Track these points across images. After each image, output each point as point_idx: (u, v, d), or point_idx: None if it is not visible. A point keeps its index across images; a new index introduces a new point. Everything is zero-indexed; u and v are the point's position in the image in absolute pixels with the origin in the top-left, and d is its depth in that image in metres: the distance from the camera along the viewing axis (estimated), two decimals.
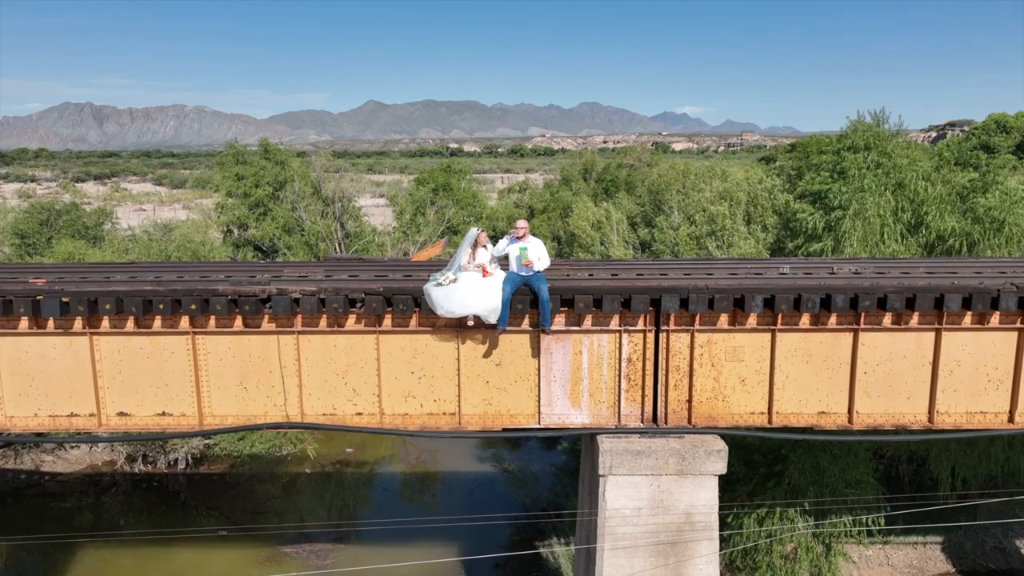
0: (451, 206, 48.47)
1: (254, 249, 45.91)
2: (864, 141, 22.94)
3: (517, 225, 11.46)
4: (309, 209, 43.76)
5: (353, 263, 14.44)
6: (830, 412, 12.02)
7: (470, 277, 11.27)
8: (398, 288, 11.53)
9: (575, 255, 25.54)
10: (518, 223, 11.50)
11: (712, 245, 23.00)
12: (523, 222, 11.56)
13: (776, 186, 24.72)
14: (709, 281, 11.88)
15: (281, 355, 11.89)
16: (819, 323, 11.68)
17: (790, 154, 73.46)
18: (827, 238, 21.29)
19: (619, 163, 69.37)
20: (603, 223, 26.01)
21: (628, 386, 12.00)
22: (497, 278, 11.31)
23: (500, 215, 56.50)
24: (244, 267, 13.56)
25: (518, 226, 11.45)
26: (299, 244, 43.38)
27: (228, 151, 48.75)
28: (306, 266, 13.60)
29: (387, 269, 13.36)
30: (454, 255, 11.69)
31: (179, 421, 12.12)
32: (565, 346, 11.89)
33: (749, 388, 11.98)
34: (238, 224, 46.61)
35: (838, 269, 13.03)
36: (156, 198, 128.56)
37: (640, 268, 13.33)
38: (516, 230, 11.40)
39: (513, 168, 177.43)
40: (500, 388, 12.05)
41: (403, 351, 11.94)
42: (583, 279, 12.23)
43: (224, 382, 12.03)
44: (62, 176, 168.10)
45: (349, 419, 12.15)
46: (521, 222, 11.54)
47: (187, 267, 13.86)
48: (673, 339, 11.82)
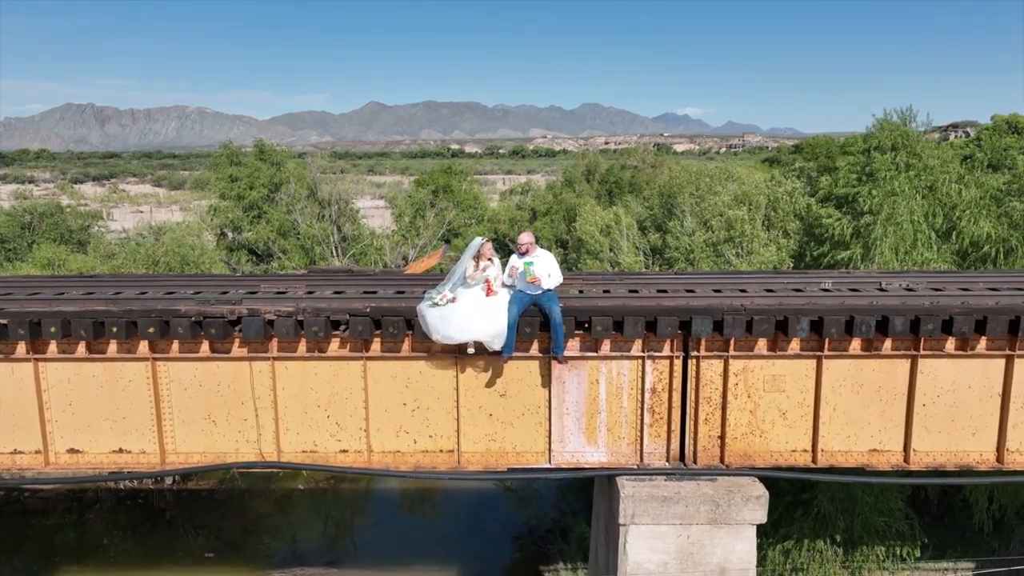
0: (452, 208, 47.01)
1: (248, 253, 44.45)
2: (891, 141, 21.40)
3: (520, 240, 9.91)
4: (305, 212, 42.32)
5: (341, 276, 12.93)
6: (883, 450, 10.49)
7: (471, 296, 9.76)
8: (388, 308, 10.01)
9: (582, 262, 24.03)
10: (521, 237, 9.94)
11: (730, 252, 21.48)
12: (527, 235, 10.01)
13: (797, 189, 23.19)
14: (746, 300, 10.36)
15: (254, 384, 10.37)
16: (872, 348, 10.16)
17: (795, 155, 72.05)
18: (855, 245, 19.76)
19: (622, 164, 67.86)
20: (612, 228, 24.50)
21: (652, 420, 10.48)
22: (502, 298, 9.79)
23: (502, 217, 54.98)
24: (218, 281, 12.06)
25: (521, 241, 9.90)
26: (294, 248, 41.91)
27: (222, 152, 47.29)
28: (287, 280, 12.10)
29: (377, 284, 11.84)
30: (453, 269, 10.17)
31: (138, 459, 10.60)
32: (580, 374, 10.37)
33: (791, 422, 10.45)
34: (232, 227, 45.20)
35: (887, 284, 11.50)
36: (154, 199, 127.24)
37: (662, 282, 11.81)
38: (520, 242, 9.86)
39: (515, 169, 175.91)
40: (505, 422, 10.53)
41: (394, 380, 10.43)
42: (599, 297, 10.71)
43: (189, 415, 10.52)
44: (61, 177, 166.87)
45: (332, 457, 10.63)
46: (525, 236, 9.98)
47: (154, 281, 12.35)
48: (704, 366, 10.29)
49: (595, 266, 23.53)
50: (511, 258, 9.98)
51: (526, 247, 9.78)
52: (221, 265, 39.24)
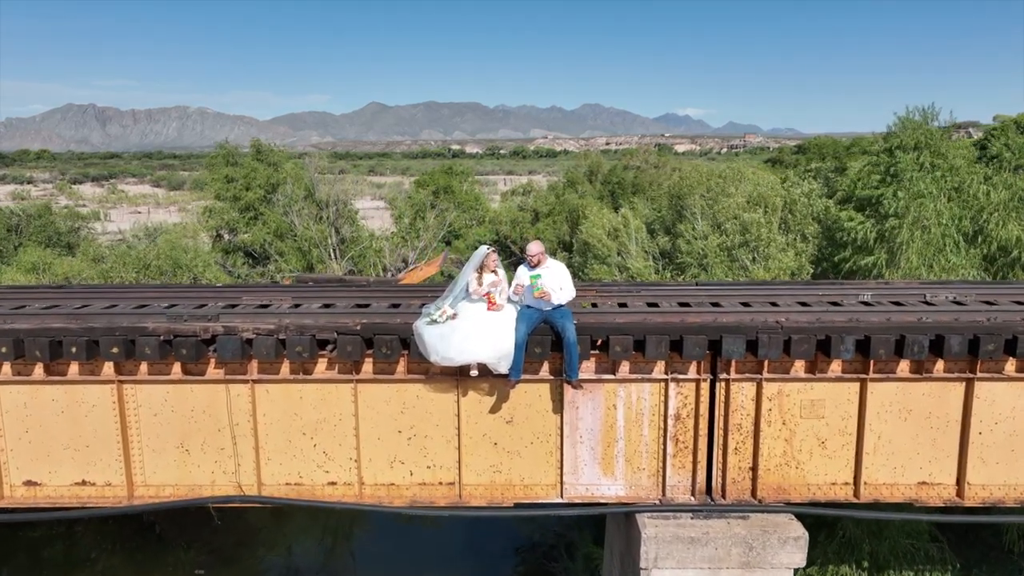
0: (452, 209, 46.00)
1: (245, 255, 43.43)
2: (914, 140, 20.29)
3: (529, 251, 8.78)
4: (302, 213, 41.28)
5: (331, 286, 11.85)
6: (933, 483, 9.39)
7: (474, 312, 8.67)
8: (380, 325, 8.92)
9: (589, 267, 22.94)
10: (530, 248, 8.80)
11: (746, 257, 20.38)
12: (536, 245, 8.87)
13: (814, 190, 22.10)
14: (780, 315, 9.28)
15: (232, 409, 9.29)
16: (922, 370, 9.06)
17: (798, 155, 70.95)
18: (879, 250, 18.67)
19: (625, 165, 66.85)
20: (620, 231, 23.40)
21: (676, 450, 9.39)
22: (508, 314, 8.70)
23: (503, 219, 53.93)
24: (196, 292, 10.99)
25: (531, 252, 8.76)
26: (292, 250, 40.88)
27: (219, 152, 46.29)
28: (272, 291, 11.02)
29: (370, 295, 10.77)
30: (454, 282, 9.09)
31: (103, 492, 9.51)
32: (595, 399, 9.29)
33: (830, 452, 9.36)
34: (228, 229, 44.20)
35: (932, 297, 10.43)
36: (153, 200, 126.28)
37: (683, 294, 10.72)
38: (529, 253, 8.75)
39: (516, 169, 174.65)
40: (511, 452, 9.44)
41: (388, 404, 9.34)
42: (616, 312, 9.63)
43: (160, 443, 9.43)
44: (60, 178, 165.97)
45: (319, 490, 9.54)
46: (534, 246, 8.84)
47: (127, 292, 11.27)
48: (734, 390, 9.20)
49: (603, 271, 22.45)
50: (518, 270, 8.89)
51: (536, 258, 8.68)
52: (216, 268, 38.21)
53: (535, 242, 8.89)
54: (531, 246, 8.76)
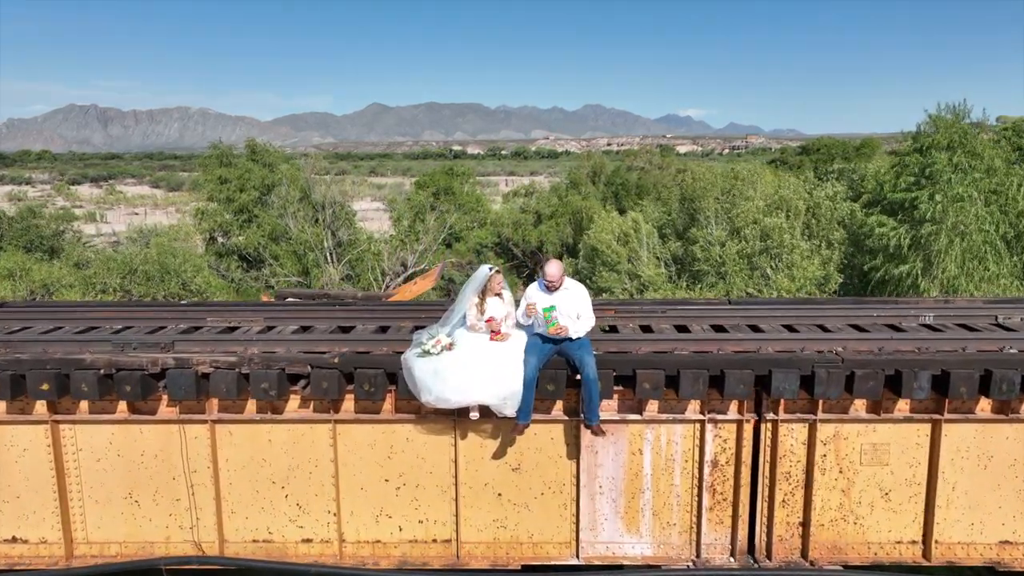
0: (453, 211, 44.59)
1: (239, 259, 42.05)
2: (947, 139, 18.85)
3: (549, 274, 7.22)
4: (298, 216, 39.88)
5: (312, 304, 10.41)
6: (1019, 542, 7.95)
7: (474, 342, 7.25)
8: (363, 357, 7.50)
9: (598, 274, 21.50)
10: (550, 270, 7.25)
11: (767, 265, 18.94)
12: (556, 266, 7.32)
13: (838, 192, 20.65)
14: (835, 342, 7.85)
15: (188, 454, 7.86)
16: (1007, 411, 7.62)
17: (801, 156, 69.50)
18: (914, 258, 17.23)
19: (628, 165, 65.52)
20: (630, 236, 21.95)
21: (712, 502, 7.95)
22: (515, 345, 7.26)
23: (505, 220, 52.52)
24: (155, 312, 9.54)
25: (551, 275, 7.20)
26: (286, 254, 39.48)
27: (212, 152, 44.89)
28: (242, 310, 9.58)
29: (355, 315, 9.33)
30: (452, 306, 7.66)
31: (37, 551, 8.08)
32: (618, 442, 7.85)
33: (895, 505, 7.92)
34: (221, 231, 42.81)
35: (1007, 319, 8.99)
36: (151, 201, 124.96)
37: (715, 313, 9.27)
38: (548, 278, 7.24)
39: (517, 170, 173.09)
40: (518, 504, 8.01)
41: (373, 449, 7.91)
42: (641, 338, 8.18)
43: (105, 492, 8.01)
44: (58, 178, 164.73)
45: (292, 549, 8.11)
46: (553, 267, 7.29)
47: (76, 310, 9.80)
48: (783, 433, 7.77)
49: (612, 279, 21.02)
50: (529, 289, 7.42)
51: (558, 280, 7.17)
52: (208, 272, 36.83)
53: (555, 263, 7.36)
54: (551, 268, 7.25)
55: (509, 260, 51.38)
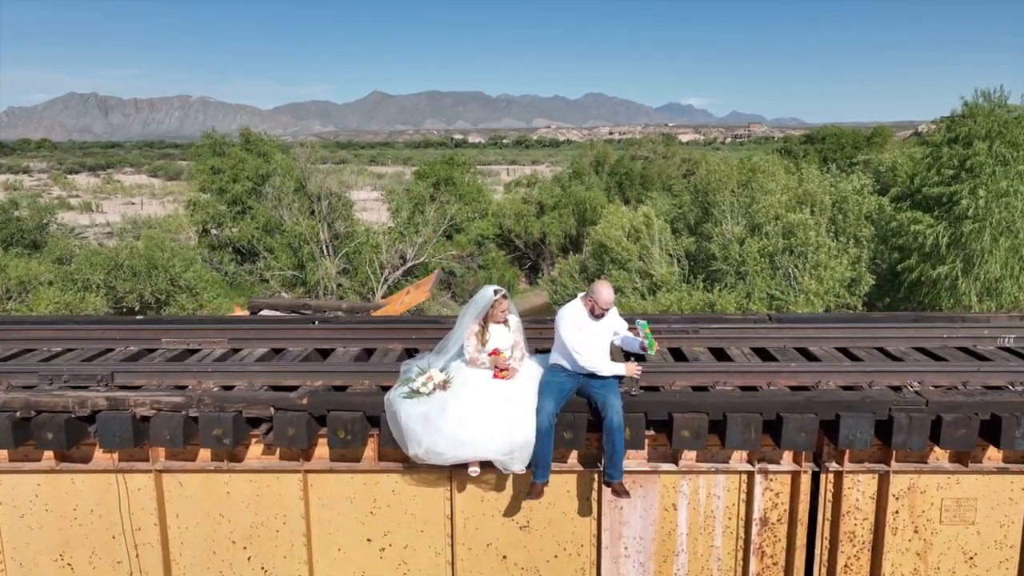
0: (454, 202, 43.25)
1: (233, 252, 40.76)
2: (986, 128, 17.41)
3: (602, 297, 5.85)
4: (293, 207, 38.52)
5: (290, 319, 9.06)
6: None
7: (475, 380, 5.90)
8: (337, 398, 6.15)
9: (607, 272, 20.14)
10: (602, 293, 5.88)
11: (789, 263, 17.56)
12: (608, 288, 5.98)
13: (865, 186, 19.25)
14: (909, 375, 6.50)
15: (130, 508, 6.54)
16: None
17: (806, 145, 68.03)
18: (953, 258, 15.84)
19: (632, 155, 64.09)
20: (641, 232, 20.57)
21: (761, 566, 6.61)
22: (526, 382, 5.92)
23: (507, 211, 51.19)
24: (102, 331, 8.17)
25: (605, 301, 5.85)
26: (281, 247, 38.19)
27: (204, 141, 43.51)
28: (205, 328, 8.21)
29: (336, 336, 7.97)
30: (449, 333, 6.30)
31: None
32: (647, 495, 6.51)
33: (981, 572, 6.58)
34: (215, 223, 41.48)
35: None
36: (148, 191, 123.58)
37: (756, 334, 7.91)
38: (604, 305, 5.87)
39: (519, 160, 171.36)
40: (527, 568, 6.67)
41: (352, 503, 6.58)
42: (672, 369, 6.83)
43: (31, 553, 6.69)
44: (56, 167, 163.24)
45: None
46: (606, 289, 5.95)
47: (11, 328, 8.44)
48: (847, 485, 6.42)
49: (622, 278, 19.66)
50: (568, 313, 5.95)
51: (608, 303, 5.84)
52: (200, 266, 35.53)
53: (605, 284, 6.01)
54: (603, 289, 5.91)
55: (511, 252, 50.08)
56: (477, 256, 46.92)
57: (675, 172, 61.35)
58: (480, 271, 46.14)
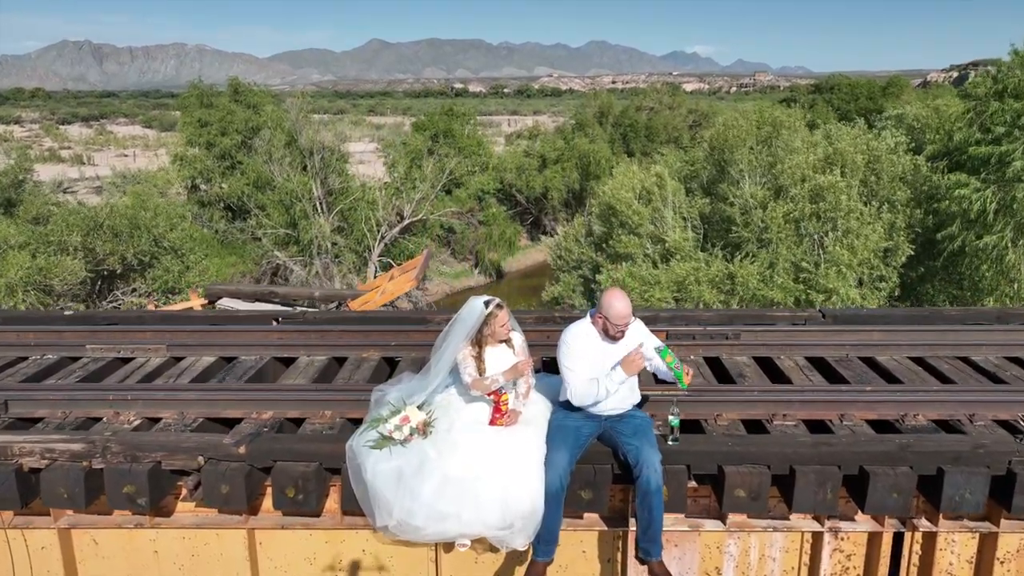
0: (453, 155, 41.46)
1: (223, 209, 39.18)
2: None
3: (616, 314, 4.45)
4: (284, 162, 36.76)
5: (251, 314, 7.62)
6: None
7: (465, 423, 4.48)
8: (287, 442, 4.74)
9: (615, 239, 18.62)
10: (617, 306, 4.46)
11: (815, 230, 16.05)
12: (624, 301, 4.50)
13: (900, 144, 17.61)
14: (1022, 409, 5.07)
15: (33, 570, 5.19)
16: None
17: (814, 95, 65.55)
18: (1002, 226, 14.32)
19: (637, 106, 61.86)
20: (653, 193, 18.99)
21: None
22: (532, 428, 4.50)
23: (508, 165, 49.32)
24: (19, 331, 6.75)
25: (619, 318, 4.46)
26: (273, 204, 36.54)
27: (191, 91, 41.53)
28: (142, 330, 6.77)
29: (300, 341, 6.55)
30: (434, 357, 4.83)
31: None
32: (684, 556, 5.13)
33: None
34: (204, 179, 39.78)
35: None
36: (142, 142, 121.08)
37: (809, 339, 6.48)
38: (617, 321, 4.46)
39: (520, 109, 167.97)
40: None
41: (312, 565, 5.21)
42: (717, 396, 5.41)
43: None
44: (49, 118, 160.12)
45: None
46: (621, 302, 4.48)
47: None
48: (940, 547, 5.05)
49: (632, 244, 18.17)
50: (572, 335, 4.56)
51: (624, 322, 4.38)
52: (189, 224, 33.98)
53: (619, 295, 4.51)
54: (617, 302, 4.43)
55: (512, 207, 48.41)
56: (477, 212, 45.29)
57: (681, 124, 59.24)
58: (480, 227, 44.58)
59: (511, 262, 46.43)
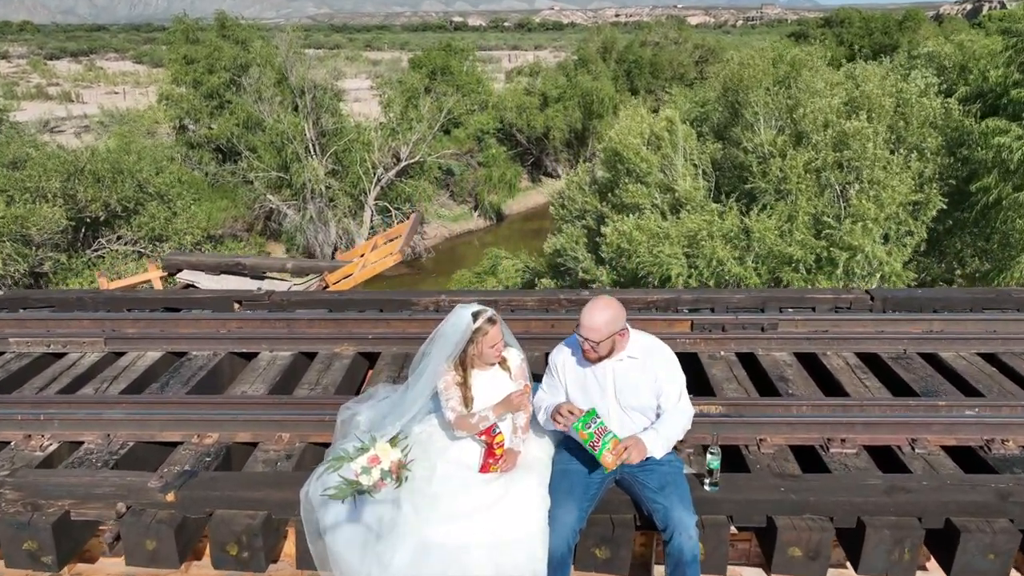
0: (452, 94, 39.85)
1: (213, 150, 37.74)
2: None
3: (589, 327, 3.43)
4: (275, 102, 35.23)
5: (207, 295, 6.63)
6: None
7: (448, 468, 3.53)
8: (227, 486, 3.80)
9: (622, 188, 17.48)
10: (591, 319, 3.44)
11: (837, 180, 14.92)
12: (602, 309, 3.45)
13: (931, 85, 16.32)
14: None
15: None
16: None
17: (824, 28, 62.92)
18: None
19: (642, 40, 59.62)
20: (663, 139, 17.76)
21: None
22: (531, 474, 3.55)
23: (508, 103, 47.55)
24: None
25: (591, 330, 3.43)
26: (264, 145, 35.12)
27: (175, 26, 39.68)
28: (78, 317, 5.80)
29: (264, 332, 5.57)
30: (413, 376, 3.85)
31: None
32: None
33: None
34: (192, 119, 38.26)
35: None
36: (132, 78, 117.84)
37: (856, 328, 5.52)
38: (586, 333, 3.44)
39: (521, 44, 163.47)
40: None
41: None
42: (755, 415, 4.45)
43: None
44: (37, 52, 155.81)
45: None
46: (598, 313, 3.43)
47: None
48: None
49: (639, 194, 17.03)
50: (555, 356, 3.63)
51: (605, 345, 3.41)
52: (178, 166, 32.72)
53: (599, 305, 3.49)
54: (593, 315, 3.41)
55: (512, 147, 46.87)
56: (476, 153, 43.81)
57: (687, 60, 57.17)
58: (480, 169, 43.18)
59: (511, 204, 45.18)
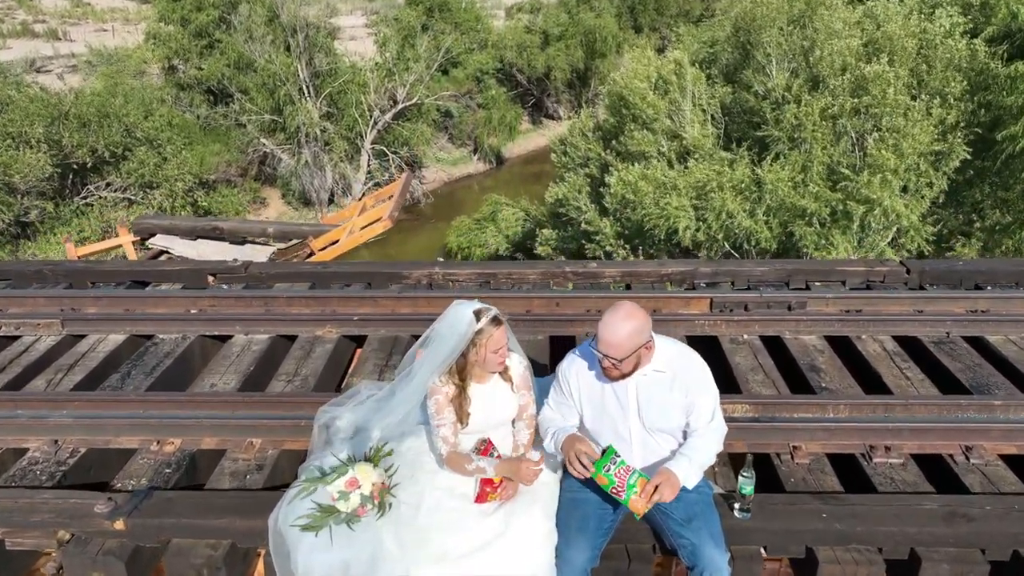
0: (450, 32, 38.53)
1: (204, 92, 36.58)
2: None
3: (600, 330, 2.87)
4: (266, 41, 34.01)
5: (177, 268, 6.07)
6: None
7: (438, 493, 3.03)
8: (187, 511, 3.31)
9: (628, 135, 16.72)
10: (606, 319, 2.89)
11: (855, 128, 14.19)
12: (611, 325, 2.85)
13: (957, 26, 15.40)
14: None
15: None
16: None
17: None
18: None
19: None
20: (671, 84, 16.90)
21: None
22: (536, 504, 3.05)
23: (508, 42, 46.04)
24: None
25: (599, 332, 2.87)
26: (256, 87, 34.04)
27: None
28: (36, 295, 5.25)
29: (238, 313, 5.04)
30: (401, 381, 3.33)
31: None
32: None
33: None
34: (182, 59, 37.03)
35: None
36: (122, 15, 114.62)
37: (891, 308, 4.99)
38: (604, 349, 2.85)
39: None
40: None
41: None
42: (787, 415, 3.94)
43: None
44: None
45: None
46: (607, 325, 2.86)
47: None
48: None
49: (646, 142, 16.29)
50: (562, 369, 3.10)
51: (631, 363, 2.85)
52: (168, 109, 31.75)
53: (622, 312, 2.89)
54: (605, 327, 2.84)
55: (512, 88, 45.54)
56: (475, 94, 42.59)
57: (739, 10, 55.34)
58: (479, 111, 42.03)
59: (511, 147, 44.14)
